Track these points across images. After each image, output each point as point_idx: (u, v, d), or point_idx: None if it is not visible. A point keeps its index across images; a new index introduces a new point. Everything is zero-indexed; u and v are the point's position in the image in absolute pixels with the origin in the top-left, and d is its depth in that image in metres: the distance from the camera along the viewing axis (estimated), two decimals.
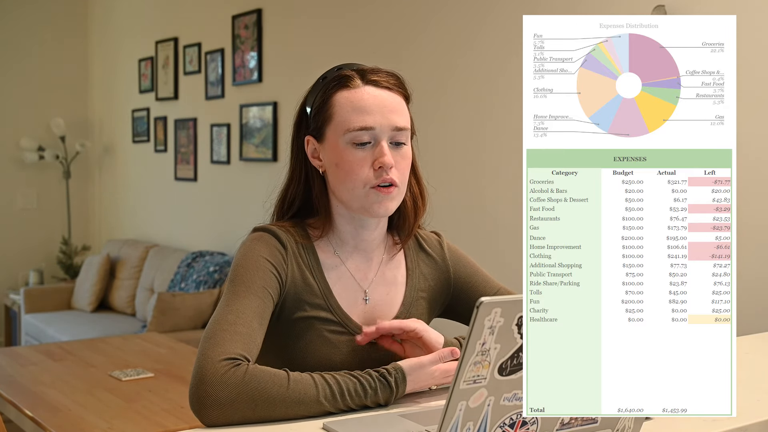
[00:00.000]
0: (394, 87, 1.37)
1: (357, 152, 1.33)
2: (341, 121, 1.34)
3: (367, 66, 1.39)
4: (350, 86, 1.35)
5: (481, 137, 3.24)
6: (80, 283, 5.44)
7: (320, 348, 1.36)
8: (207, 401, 1.15)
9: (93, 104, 6.34)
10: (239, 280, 1.30)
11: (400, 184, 1.36)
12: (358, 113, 1.33)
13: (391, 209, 1.36)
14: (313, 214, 1.42)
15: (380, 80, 1.36)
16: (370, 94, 1.34)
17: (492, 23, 3.18)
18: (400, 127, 1.34)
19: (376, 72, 1.37)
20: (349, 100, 1.34)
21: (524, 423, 0.94)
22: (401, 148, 1.36)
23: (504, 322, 0.88)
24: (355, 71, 1.37)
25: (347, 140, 1.33)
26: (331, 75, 1.38)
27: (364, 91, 1.34)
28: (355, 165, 1.33)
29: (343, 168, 1.34)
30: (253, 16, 4.54)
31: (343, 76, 1.36)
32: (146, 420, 2.52)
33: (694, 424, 1.18)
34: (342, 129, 1.33)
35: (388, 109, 1.34)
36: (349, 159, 1.33)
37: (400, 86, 1.38)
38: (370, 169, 1.33)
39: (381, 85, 1.35)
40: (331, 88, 1.36)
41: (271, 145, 4.40)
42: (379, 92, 1.35)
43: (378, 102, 1.34)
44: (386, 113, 1.34)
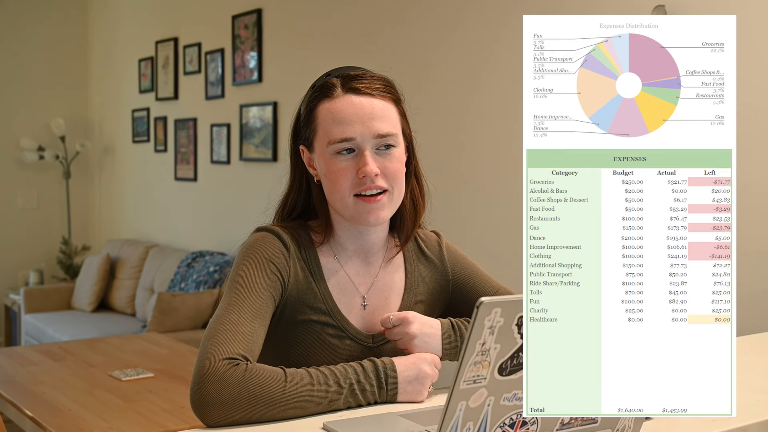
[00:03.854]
0: (377, 92, 1.35)
1: (340, 162, 1.33)
2: (324, 133, 1.34)
3: (354, 71, 1.37)
4: (330, 96, 1.34)
5: (481, 137, 3.24)
6: (80, 283, 5.44)
7: (320, 351, 1.36)
8: (208, 400, 1.15)
9: (93, 104, 6.34)
10: (240, 280, 1.30)
11: (392, 188, 1.35)
12: (338, 125, 1.32)
13: (383, 217, 1.36)
14: (315, 216, 1.42)
15: (362, 87, 1.34)
16: (350, 103, 1.33)
17: (491, 22, 3.18)
18: (383, 134, 1.33)
19: (360, 78, 1.36)
20: (330, 111, 1.34)
21: (524, 423, 0.94)
22: (390, 153, 1.34)
23: (504, 322, 0.88)
24: (338, 78, 1.36)
25: (331, 151, 1.33)
26: (318, 83, 1.38)
27: (344, 101, 1.33)
28: (339, 175, 1.33)
29: (330, 178, 1.34)
30: (253, 16, 4.54)
31: (325, 85, 1.36)
32: (146, 420, 2.52)
33: (694, 424, 1.18)
34: (325, 141, 1.34)
35: (369, 116, 1.33)
36: (334, 170, 1.33)
37: (385, 90, 1.36)
38: (354, 177, 1.33)
39: (362, 93, 1.34)
40: (314, 99, 1.36)
41: (271, 145, 4.40)
42: (360, 100, 1.34)
43: (357, 111, 1.33)
44: (367, 121, 1.32)
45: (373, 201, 1.33)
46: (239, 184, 4.73)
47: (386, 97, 1.36)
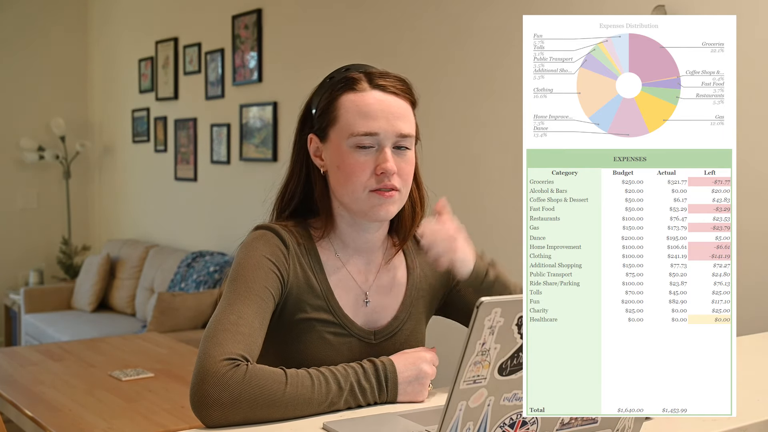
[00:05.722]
0: (401, 92, 1.36)
1: (359, 156, 1.33)
2: (346, 124, 1.33)
3: (376, 69, 1.38)
4: (357, 89, 1.34)
5: (481, 137, 3.24)
6: (80, 283, 5.44)
7: (320, 349, 1.36)
8: (208, 401, 1.15)
9: (93, 104, 6.34)
10: (240, 279, 1.30)
11: (402, 189, 1.36)
12: (364, 118, 1.32)
13: (392, 213, 1.36)
14: (314, 213, 1.42)
15: (387, 85, 1.35)
16: (377, 99, 1.33)
17: (491, 22, 3.18)
18: (404, 134, 1.34)
19: (384, 76, 1.36)
20: (355, 103, 1.33)
21: (524, 423, 0.94)
22: (405, 154, 1.35)
23: (504, 322, 0.88)
24: (363, 74, 1.36)
25: (351, 144, 1.33)
26: (338, 76, 1.37)
27: (371, 96, 1.34)
28: (357, 169, 1.32)
29: (345, 171, 1.33)
30: (253, 16, 4.54)
31: (350, 78, 1.35)
32: (146, 420, 2.52)
33: (694, 424, 1.18)
34: (346, 132, 1.33)
35: (394, 115, 1.33)
36: (351, 162, 1.33)
37: (407, 92, 1.38)
38: (372, 173, 1.33)
39: (388, 90, 1.35)
40: (337, 89, 1.35)
41: (271, 145, 4.40)
42: (386, 97, 1.34)
43: (384, 107, 1.33)
44: (392, 119, 1.33)
45: (387, 195, 1.33)
46: (239, 184, 4.73)
47: (407, 99, 1.37)
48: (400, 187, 1.34)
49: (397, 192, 1.34)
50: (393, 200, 1.34)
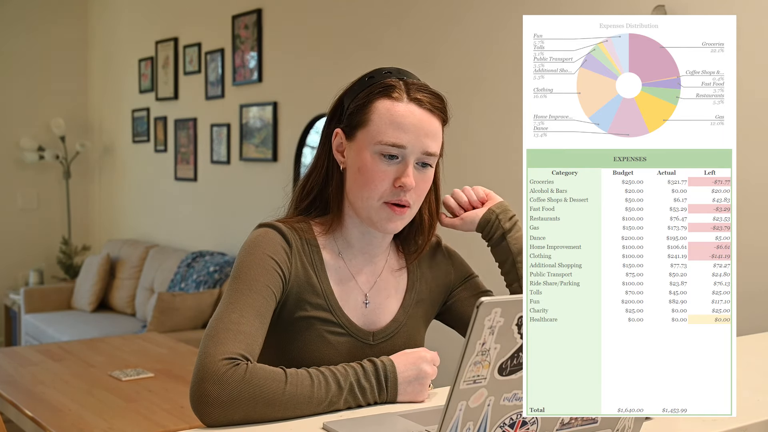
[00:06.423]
0: (436, 110, 1.35)
1: (382, 164, 1.32)
2: (376, 130, 1.33)
3: (416, 80, 1.37)
4: (393, 97, 1.33)
5: (481, 137, 3.24)
6: (80, 283, 5.44)
7: (319, 348, 1.36)
8: (208, 400, 1.15)
9: (93, 104, 6.34)
10: (242, 277, 1.30)
11: (414, 205, 1.36)
12: (395, 129, 1.32)
13: (399, 228, 1.37)
14: (324, 212, 1.42)
15: (424, 100, 1.34)
16: (411, 111, 1.33)
17: (490, 21, 3.18)
18: (430, 153, 1.34)
19: (422, 90, 1.35)
20: (390, 111, 1.33)
21: (524, 423, 0.94)
22: (425, 171, 1.35)
23: (504, 322, 0.88)
24: (402, 81, 1.35)
25: (376, 150, 1.32)
26: (378, 78, 1.36)
27: (406, 108, 1.33)
28: (377, 176, 1.32)
29: (364, 175, 1.33)
30: (253, 16, 4.54)
31: (387, 84, 1.34)
32: (146, 420, 2.52)
33: (694, 424, 1.18)
34: (375, 138, 1.32)
35: (424, 132, 1.33)
36: (373, 169, 1.32)
37: (442, 110, 1.37)
38: (390, 185, 1.32)
39: (424, 107, 1.34)
40: (375, 92, 1.34)
41: (271, 145, 4.40)
42: (420, 113, 1.33)
43: (416, 122, 1.33)
44: (421, 136, 1.33)
45: (399, 212, 1.34)
46: (239, 184, 4.73)
47: (440, 117, 1.37)
48: (412, 203, 1.35)
49: (409, 209, 1.35)
50: (403, 217, 1.35)
